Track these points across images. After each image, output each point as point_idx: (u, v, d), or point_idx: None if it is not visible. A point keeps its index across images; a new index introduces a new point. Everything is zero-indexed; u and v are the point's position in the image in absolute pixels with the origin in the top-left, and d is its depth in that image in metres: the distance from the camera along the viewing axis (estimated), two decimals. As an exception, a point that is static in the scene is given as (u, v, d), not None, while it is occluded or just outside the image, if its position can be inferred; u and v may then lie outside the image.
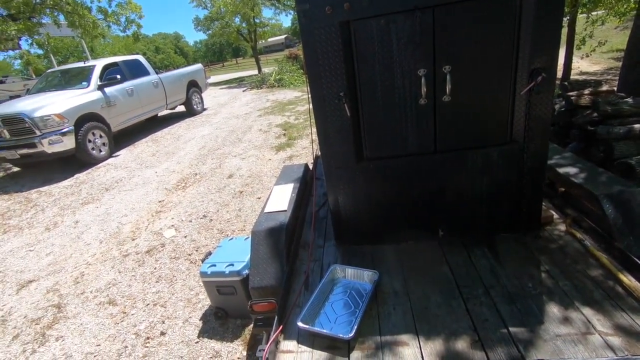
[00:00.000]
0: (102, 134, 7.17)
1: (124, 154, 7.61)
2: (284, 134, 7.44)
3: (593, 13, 10.01)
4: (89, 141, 6.83)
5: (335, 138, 1.94)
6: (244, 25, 21.06)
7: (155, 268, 3.50)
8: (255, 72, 21.19)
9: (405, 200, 2.05)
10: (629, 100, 3.40)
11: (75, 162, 6.80)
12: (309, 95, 1.91)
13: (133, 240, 4.10)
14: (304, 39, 1.79)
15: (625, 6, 9.18)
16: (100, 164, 6.96)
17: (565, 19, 9.08)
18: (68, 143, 6.39)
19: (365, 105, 1.92)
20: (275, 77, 15.28)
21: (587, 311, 1.48)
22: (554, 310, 1.52)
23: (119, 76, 7.73)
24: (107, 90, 7.49)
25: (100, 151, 7.14)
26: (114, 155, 7.48)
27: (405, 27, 1.72)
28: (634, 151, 3.01)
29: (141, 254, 3.77)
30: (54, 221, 4.83)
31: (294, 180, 2.75)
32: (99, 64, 7.90)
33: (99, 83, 7.43)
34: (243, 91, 15.17)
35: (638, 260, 1.61)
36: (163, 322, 2.79)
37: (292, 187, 2.63)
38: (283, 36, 58.71)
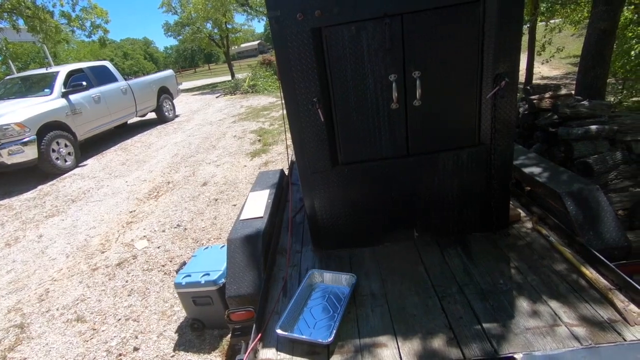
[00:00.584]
0: (68, 143, 6.86)
1: (91, 163, 7.31)
2: (259, 140, 7.39)
3: (551, 21, 10.60)
4: (53, 151, 6.51)
5: (310, 143, 1.95)
6: (215, 30, 20.81)
7: (126, 281, 3.37)
8: (229, 78, 20.95)
9: (381, 203, 2.09)
10: (585, 103, 3.61)
11: (38, 173, 6.46)
12: (283, 101, 1.91)
13: (102, 253, 3.93)
14: (276, 45, 1.80)
15: (579, 15, 9.79)
16: (66, 175, 6.65)
17: (525, 27, 9.58)
18: (30, 153, 6.07)
19: (339, 110, 1.94)
20: (249, 83, 15.18)
21: (554, 304, 1.55)
22: (523, 304, 1.58)
23: (84, 83, 7.45)
24: (72, 97, 7.19)
25: (66, 161, 6.83)
26: (80, 165, 7.17)
27: (375, 34, 1.76)
28: (592, 151, 3.20)
29: (111, 267, 3.62)
30: (15, 236, 4.56)
31: (270, 187, 2.74)
32: (63, 70, 7.57)
33: (63, 90, 7.11)
34: (216, 97, 14.96)
35: (598, 254, 1.71)
36: (136, 337, 2.69)
37: (268, 194, 2.62)
38: (256, 42, 58.51)
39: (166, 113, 10.56)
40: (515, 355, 1.33)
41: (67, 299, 3.23)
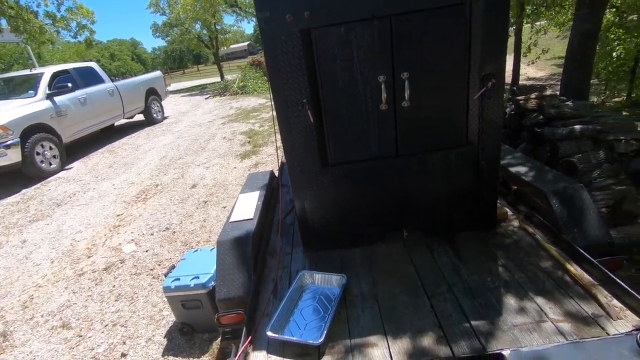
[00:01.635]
0: (53, 146, 6.73)
1: (77, 166, 7.18)
2: (249, 142, 7.35)
3: (537, 23, 10.81)
4: (38, 154, 6.37)
5: (300, 144, 1.95)
6: (204, 31, 20.67)
7: (114, 286, 3.32)
8: (218, 79, 20.79)
9: (371, 203, 2.10)
10: (570, 103, 3.69)
11: (22, 176, 6.32)
12: (272, 103, 1.91)
13: (89, 257, 3.86)
14: (265, 47, 1.79)
15: (564, 17, 10.00)
16: (51, 178, 6.52)
17: (511, 29, 9.74)
18: (13, 156, 5.93)
19: (329, 112, 1.94)
20: (239, 84, 15.09)
21: (540, 300, 1.58)
22: (510, 301, 1.60)
23: (70, 84, 7.31)
24: (58, 99, 7.05)
25: (51, 164, 6.69)
26: (66, 168, 7.03)
27: (364, 36, 1.77)
28: (576, 150, 3.26)
29: (98, 272, 3.56)
30: (-2, 241, 4.45)
31: (260, 188, 2.73)
32: (48, 71, 7.43)
33: (48, 92, 6.97)
34: (205, 99, 14.85)
35: (582, 251, 1.74)
36: (124, 343, 2.64)
37: (258, 195, 2.60)
38: (246, 43, 58.27)
39: (154, 115, 10.44)
40: (503, 352, 1.34)
41: (52, 305, 3.17)
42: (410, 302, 1.69)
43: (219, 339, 2.30)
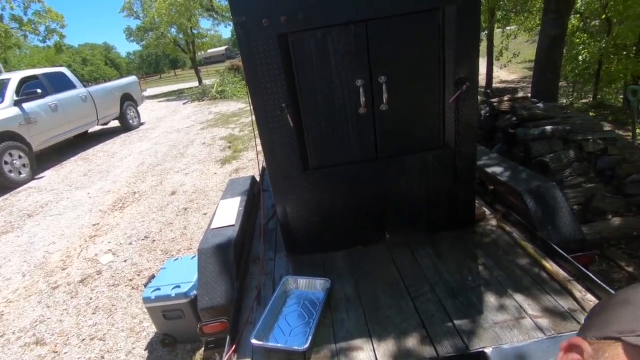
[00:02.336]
0: (22, 154, 6.45)
1: (49, 175, 6.90)
2: (229, 147, 7.27)
3: (507, 28, 11.21)
4: (6, 163, 6.09)
5: (280, 149, 1.95)
6: (180, 36, 20.31)
7: (90, 298, 3.20)
8: (196, 83, 20.48)
9: (352, 206, 2.11)
10: (540, 105, 3.84)
11: (-11, 187, 6.03)
12: (252, 107, 1.89)
13: (63, 269, 3.71)
14: (242, 51, 1.78)
15: (532, 22, 10.41)
16: (21, 188, 6.24)
17: (483, 33, 10.07)
18: (-22, 166, 5.65)
19: (308, 115, 1.95)
20: (217, 89, 14.91)
21: (519, 297, 1.63)
22: (491, 299, 1.64)
23: (39, 90, 7.02)
24: (26, 105, 6.76)
25: (20, 173, 6.41)
26: (37, 177, 6.75)
27: (341, 40, 1.79)
28: (547, 150, 3.39)
29: (73, 284, 3.42)
30: (-38, 256, 4.21)
31: (241, 194, 2.70)
32: (15, 77, 7.11)
33: (16, 98, 6.68)
34: (183, 104, 14.59)
35: (556, 247, 1.81)
36: (102, 358, 2.55)
37: (239, 201, 2.57)
38: (223, 47, 57.66)
39: (130, 121, 10.17)
40: (486, 350, 1.37)
41: (25, 321, 3.02)
42: (394, 304, 1.70)
43: (202, 349, 2.25)
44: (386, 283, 1.84)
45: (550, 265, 1.76)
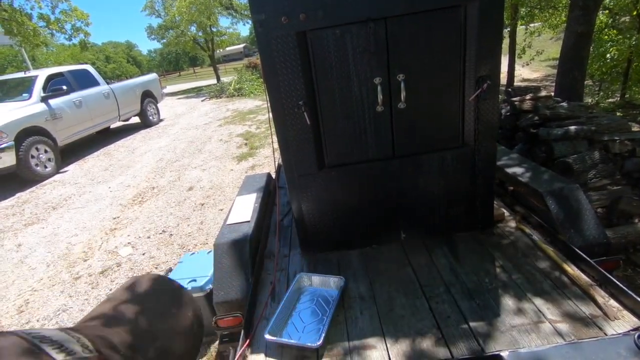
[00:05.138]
0: (48, 149, 6.69)
1: (72, 169, 7.13)
2: (246, 144, 7.34)
3: (531, 25, 10.89)
4: (32, 157, 6.33)
5: (296, 146, 1.95)
6: (200, 34, 20.63)
7: (110, 290, 3.29)
8: (214, 81, 20.76)
9: (368, 205, 2.09)
10: (564, 104, 3.72)
11: (17, 179, 6.27)
12: (269, 105, 1.90)
13: (85, 261, 3.83)
14: (261, 49, 1.79)
15: (557, 19, 10.09)
16: (46, 181, 6.47)
17: (506, 30, 9.82)
18: (7, 160, 5.89)
19: (325, 113, 1.94)
20: (235, 87, 15.08)
21: (538, 301, 1.58)
22: (508, 302, 1.60)
23: (65, 87, 7.27)
24: (52, 102, 7.01)
25: (46, 167, 6.65)
26: (61, 171, 6.99)
27: (360, 38, 1.77)
28: (571, 150, 3.28)
29: (94, 276, 3.53)
30: (-8, 246, 4.41)
31: (257, 190, 2.72)
32: (42, 74, 7.39)
33: (43, 94, 6.94)
34: (202, 101, 14.82)
35: (579, 251, 1.75)
36: (121, 347, 2.62)
37: (255, 197, 2.60)
38: (242, 45, 58.19)
39: (150, 117, 10.40)
40: (502, 353, 1.34)
41: (48, 309, 3.14)
42: (408, 304, 1.69)
43: (217, 342, 2.29)
44: (401, 283, 1.83)
45: (571, 269, 1.71)
